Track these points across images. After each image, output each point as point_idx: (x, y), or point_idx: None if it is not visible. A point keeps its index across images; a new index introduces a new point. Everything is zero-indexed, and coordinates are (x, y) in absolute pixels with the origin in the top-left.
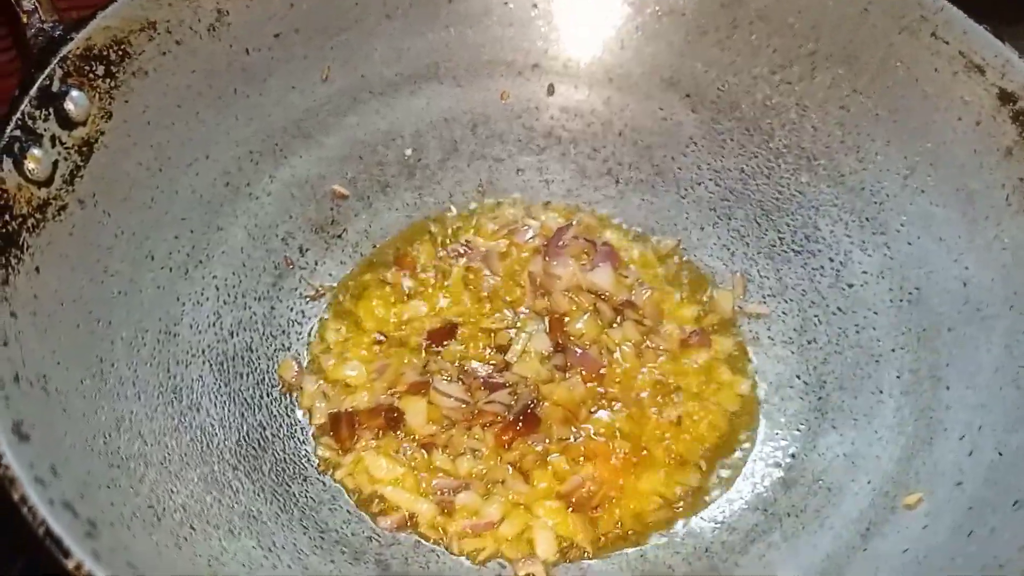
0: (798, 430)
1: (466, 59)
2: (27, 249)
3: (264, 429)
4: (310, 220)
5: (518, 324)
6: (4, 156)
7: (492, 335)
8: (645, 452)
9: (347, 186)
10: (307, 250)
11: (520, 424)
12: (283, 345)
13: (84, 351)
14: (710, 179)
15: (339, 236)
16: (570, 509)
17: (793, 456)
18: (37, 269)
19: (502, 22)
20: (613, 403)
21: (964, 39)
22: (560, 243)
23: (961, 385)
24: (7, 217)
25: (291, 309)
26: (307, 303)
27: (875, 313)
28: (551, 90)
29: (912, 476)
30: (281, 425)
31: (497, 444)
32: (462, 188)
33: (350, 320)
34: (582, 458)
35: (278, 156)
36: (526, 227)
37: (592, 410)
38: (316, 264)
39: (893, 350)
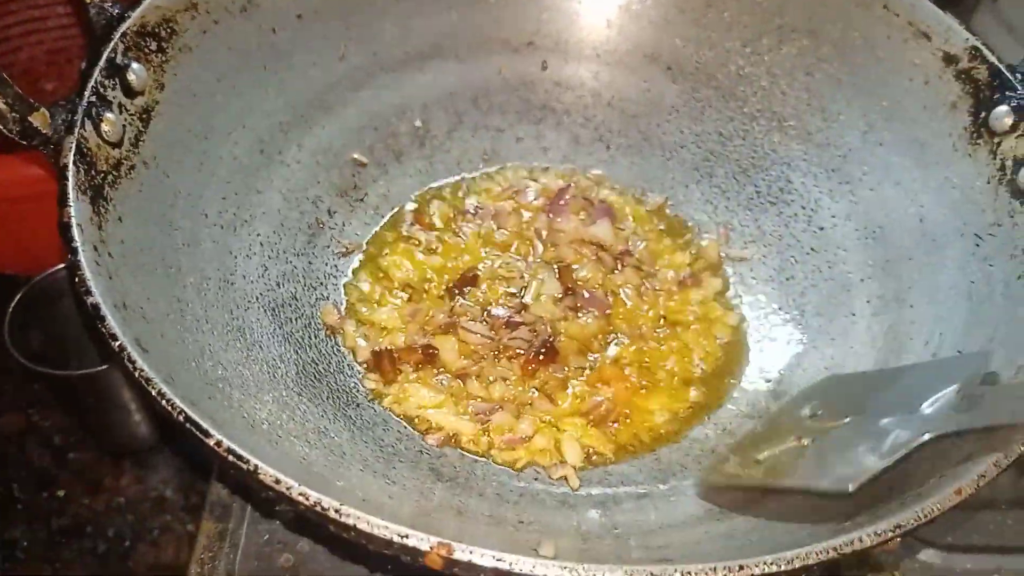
0: (782, 351)
1: (467, 38)
2: (111, 200)
3: (317, 364)
4: (335, 185)
5: (530, 272)
6: (85, 119)
7: (508, 282)
8: (651, 376)
9: (365, 154)
10: (335, 212)
11: (542, 355)
12: (322, 295)
13: (165, 291)
14: (692, 142)
15: (361, 200)
16: (591, 424)
17: (780, 372)
18: (120, 219)
19: (499, 4)
20: (621, 336)
21: (911, 10)
22: (561, 201)
23: (923, 303)
24: (93, 172)
25: (326, 264)
26: (339, 259)
27: (844, 251)
28: (544, 66)
29: None
30: (330, 362)
31: (523, 373)
32: (468, 156)
33: (379, 273)
34: (599, 383)
35: (304, 127)
36: (528, 188)
37: (603, 343)
38: (344, 224)
39: (862, 280)
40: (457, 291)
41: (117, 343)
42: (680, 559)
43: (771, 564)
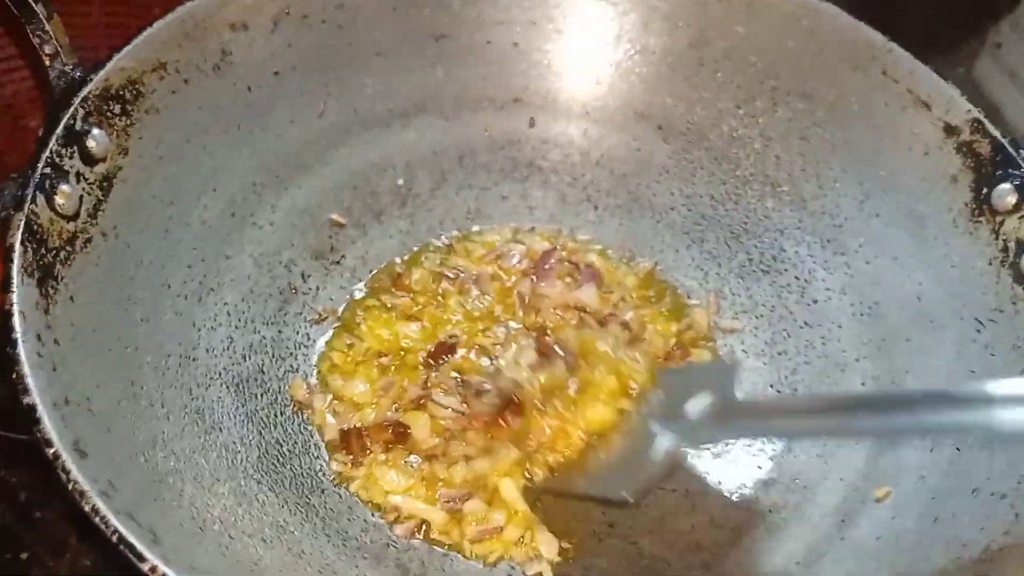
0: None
1: (452, 95)
2: (62, 279)
3: (281, 446)
4: (310, 247)
5: (508, 338)
6: (37, 192)
7: (486, 351)
8: None
9: (344, 215)
10: (309, 276)
11: (506, 414)
12: (292, 367)
13: (117, 375)
14: (682, 204)
15: (338, 262)
16: None
17: (771, 459)
18: (72, 298)
19: (485, 60)
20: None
21: (911, 77)
22: (546, 265)
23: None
24: (43, 250)
25: (297, 332)
26: (312, 326)
27: (839, 326)
28: (532, 123)
29: (880, 472)
30: (296, 442)
31: (488, 431)
32: (452, 215)
33: (354, 341)
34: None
35: (279, 187)
36: (512, 252)
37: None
38: (318, 289)
39: (857, 359)
40: (433, 361)
41: (52, 450)
42: None
43: None
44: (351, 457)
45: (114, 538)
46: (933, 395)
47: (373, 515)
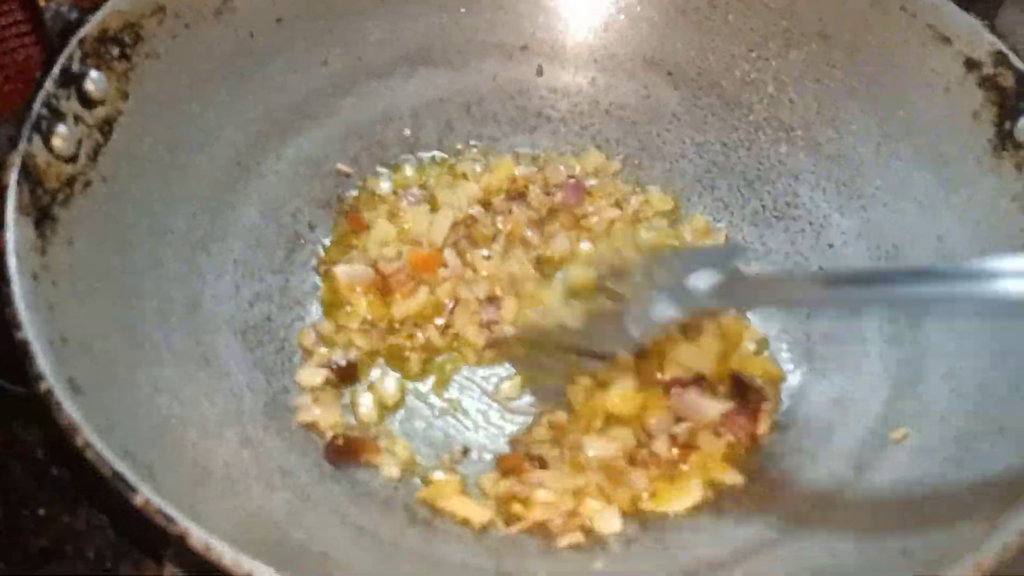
0: (790, 379)
1: (458, 42)
2: (60, 221)
3: (288, 393)
4: (316, 197)
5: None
6: (33, 133)
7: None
8: None
9: (350, 164)
10: (315, 226)
11: None
12: (299, 316)
13: (119, 319)
14: (694, 152)
15: (344, 212)
16: None
17: (786, 403)
18: (71, 241)
19: (492, 5)
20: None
21: (931, 11)
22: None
23: (941, 332)
24: (40, 191)
25: (304, 281)
26: (319, 276)
27: None
28: (540, 71)
29: (899, 415)
30: None
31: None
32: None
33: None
34: None
35: (284, 136)
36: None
37: None
38: (325, 239)
39: None
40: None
41: (43, 384)
42: None
43: None
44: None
45: (106, 471)
46: (940, 270)
47: None
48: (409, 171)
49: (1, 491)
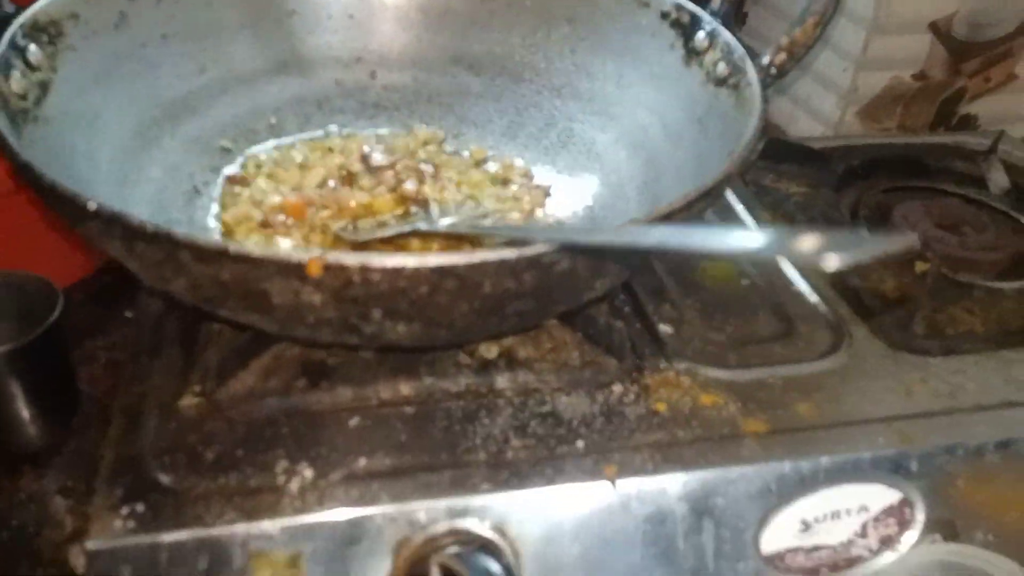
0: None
1: (306, 57)
2: (22, 131)
3: None
4: (205, 165)
5: None
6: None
7: None
8: None
9: (230, 142)
10: (207, 184)
11: None
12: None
13: None
14: (497, 116)
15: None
16: None
17: None
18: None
19: (328, 30)
20: None
21: None
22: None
23: (671, 175)
24: (8, 106)
25: (203, 220)
26: (214, 219)
27: (620, 163)
28: (373, 75)
29: None
30: None
31: None
32: None
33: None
34: None
35: (175, 122)
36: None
37: None
38: (215, 193)
39: (631, 176)
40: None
41: None
42: None
43: None
44: None
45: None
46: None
47: None
48: (280, 150)
49: None
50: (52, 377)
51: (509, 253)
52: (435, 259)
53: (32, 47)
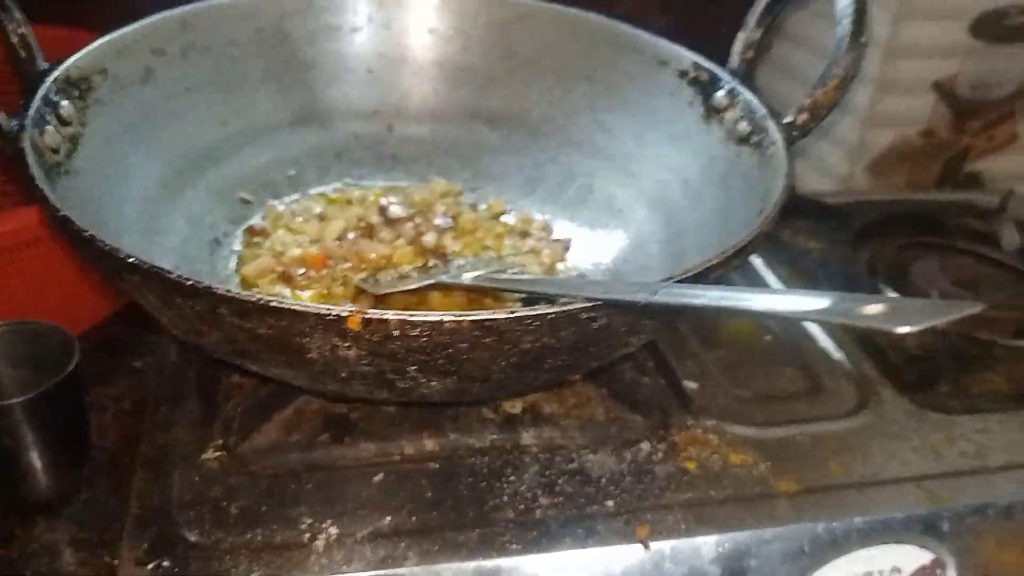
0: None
1: (325, 109)
2: (56, 189)
3: None
4: (227, 215)
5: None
6: (32, 126)
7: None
8: None
9: (250, 194)
10: (227, 235)
11: None
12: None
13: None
14: (515, 171)
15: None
16: None
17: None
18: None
19: (348, 83)
20: None
21: (653, 47)
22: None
23: (693, 235)
24: (41, 160)
25: (227, 269)
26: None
27: (638, 220)
28: (391, 128)
29: None
30: None
31: None
32: None
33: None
34: None
35: (198, 173)
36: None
37: None
38: (236, 245)
39: (652, 232)
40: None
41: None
42: None
43: None
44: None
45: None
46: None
47: None
48: (300, 202)
49: None
50: (68, 426)
51: (549, 309)
52: (475, 315)
53: (64, 102)
